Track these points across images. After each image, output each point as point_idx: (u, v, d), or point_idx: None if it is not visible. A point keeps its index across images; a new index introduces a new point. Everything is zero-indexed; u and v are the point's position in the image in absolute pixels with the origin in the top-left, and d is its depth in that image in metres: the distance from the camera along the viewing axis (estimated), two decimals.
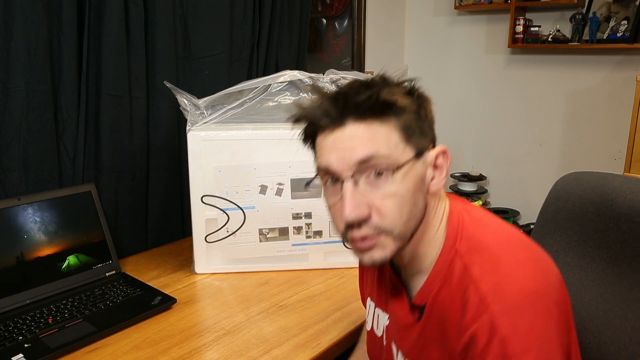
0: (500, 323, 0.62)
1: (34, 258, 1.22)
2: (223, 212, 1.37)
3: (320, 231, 1.41)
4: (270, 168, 1.36)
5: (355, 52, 2.73)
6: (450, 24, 3.07)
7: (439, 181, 0.72)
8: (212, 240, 1.39)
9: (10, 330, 1.08)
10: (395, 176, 0.67)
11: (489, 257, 0.67)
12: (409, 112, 0.69)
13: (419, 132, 0.70)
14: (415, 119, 0.69)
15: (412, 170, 0.68)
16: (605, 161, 2.70)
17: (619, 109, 2.58)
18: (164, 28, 1.52)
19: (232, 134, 1.34)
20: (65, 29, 1.30)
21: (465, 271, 0.67)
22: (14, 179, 1.27)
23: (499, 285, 0.64)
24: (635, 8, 2.44)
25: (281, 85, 1.40)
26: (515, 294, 0.63)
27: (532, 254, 0.69)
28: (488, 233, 0.71)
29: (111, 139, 1.44)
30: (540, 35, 2.68)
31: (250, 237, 1.40)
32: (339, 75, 1.41)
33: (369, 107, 0.67)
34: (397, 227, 0.68)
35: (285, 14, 1.93)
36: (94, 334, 1.08)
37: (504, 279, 0.65)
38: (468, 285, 0.66)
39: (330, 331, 1.13)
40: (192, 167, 1.34)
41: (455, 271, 0.69)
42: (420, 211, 0.71)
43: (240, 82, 1.38)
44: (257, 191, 1.37)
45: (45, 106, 1.29)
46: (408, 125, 0.68)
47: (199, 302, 1.26)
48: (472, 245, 0.70)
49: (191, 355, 1.04)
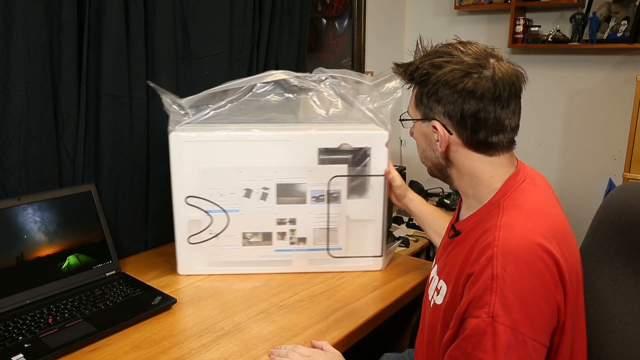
0: (495, 263, 0.76)
1: (34, 258, 1.22)
2: (206, 214, 1.36)
3: (305, 238, 1.39)
4: (256, 172, 1.34)
5: (355, 52, 2.73)
6: (450, 24, 3.07)
7: (439, 145, 0.91)
8: (195, 241, 1.38)
9: (10, 330, 1.08)
10: (412, 123, 0.98)
11: (517, 214, 0.83)
12: (419, 87, 0.91)
13: (426, 102, 0.90)
14: (423, 93, 0.90)
15: (417, 126, 0.96)
16: (605, 161, 2.70)
17: (619, 109, 2.58)
18: (164, 28, 1.52)
19: (214, 135, 1.32)
20: (65, 29, 1.29)
21: (497, 219, 0.82)
22: (14, 179, 1.27)
23: (510, 233, 0.79)
24: (635, 8, 2.44)
25: (266, 85, 1.38)
26: (517, 243, 0.77)
27: (557, 228, 0.83)
28: (532, 200, 0.86)
29: (111, 139, 1.44)
30: (540, 35, 2.68)
31: (234, 240, 1.38)
32: (327, 73, 1.39)
33: (406, 76, 0.94)
34: (419, 156, 1.00)
35: (285, 14, 1.93)
36: (94, 334, 1.08)
37: (517, 230, 0.79)
38: (493, 229, 0.81)
39: (330, 331, 1.13)
40: (174, 167, 1.33)
41: (492, 219, 0.84)
42: (432, 159, 0.95)
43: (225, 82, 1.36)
44: (241, 194, 1.35)
45: (45, 106, 1.29)
46: (418, 96, 0.92)
47: (199, 302, 1.26)
48: (512, 203, 0.85)
49: (191, 355, 1.04)
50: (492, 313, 0.74)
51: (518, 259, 0.76)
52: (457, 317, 0.80)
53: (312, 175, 1.35)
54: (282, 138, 1.33)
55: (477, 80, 0.84)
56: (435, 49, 0.91)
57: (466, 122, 0.87)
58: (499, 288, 0.74)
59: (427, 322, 0.97)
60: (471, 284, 0.79)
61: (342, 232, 1.39)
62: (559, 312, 0.79)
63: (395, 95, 1.38)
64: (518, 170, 0.92)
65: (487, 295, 0.75)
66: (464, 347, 0.77)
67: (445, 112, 0.88)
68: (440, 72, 0.86)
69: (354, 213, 1.39)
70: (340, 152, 1.35)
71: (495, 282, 0.75)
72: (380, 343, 1.49)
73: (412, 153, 3.16)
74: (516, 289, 0.75)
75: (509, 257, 0.76)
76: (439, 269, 0.97)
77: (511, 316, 0.74)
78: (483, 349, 0.74)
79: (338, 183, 1.36)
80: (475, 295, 0.77)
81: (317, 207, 1.37)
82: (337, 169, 1.35)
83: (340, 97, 1.39)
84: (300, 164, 1.34)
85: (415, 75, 0.91)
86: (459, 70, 0.85)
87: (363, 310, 1.23)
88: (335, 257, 1.29)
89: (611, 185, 2.43)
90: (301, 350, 1.01)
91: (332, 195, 1.36)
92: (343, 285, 1.35)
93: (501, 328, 0.73)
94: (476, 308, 0.76)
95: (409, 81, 0.94)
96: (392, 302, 1.27)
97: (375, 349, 1.43)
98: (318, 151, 1.34)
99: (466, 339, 0.77)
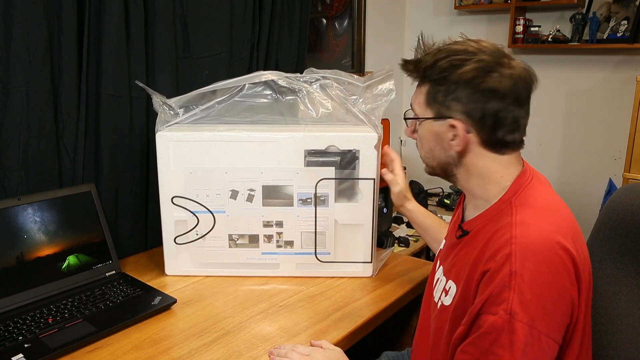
0: (513, 260, 0.76)
1: (34, 258, 1.22)
2: (193, 215, 1.35)
3: (292, 241, 1.38)
4: (241, 173, 1.33)
5: (355, 52, 2.73)
6: (450, 24, 3.07)
7: (455, 144, 0.89)
8: (181, 242, 1.37)
9: (10, 330, 1.08)
10: (417, 123, 0.95)
11: (532, 212, 0.83)
12: (432, 84, 0.89)
13: (441, 101, 0.88)
14: (436, 91, 0.88)
15: (426, 125, 0.92)
16: (605, 161, 2.70)
17: (619, 109, 2.58)
18: (164, 28, 1.52)
19: (200, 135, 1.31)
20: (65, 29, 1.29)
21: (511, 217, 0.83)
22: (14, 179, 1.27)
23: (527, 230, 0.79)
24: (635, 8, 2.44)
25: (256, 86, 1.36)
26: (534, 240, 0.78)
27: (569, 226, 0.84)
28: (543, 198, 0.87)
29: (111, 139, 1.44)
30: (540, 35, 2.68)
31: (220, 241, 1.37)
32: (318, 74, 1.37)
33: (417, 73, 0.92)
34: (421, 155, 0.98)
35: (285, 14, 1.93)
36: (94, 334, 1.08)
37: (534, 228, 0.80)
38: (508, 227, 0.81)
39: (330, 331, 1.13)
40: (161, 167, 1.32)
41: (505, 217, 0.84)
42: (441, 158, 0.93)
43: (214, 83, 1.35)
44: (227, 195, 1.34)
45: (45, 106, 1.29)
46: (431, 94, 0.89)
47: (199, 302, 1.26)
48: (524, 201, 0.85)
49: (191, 355, 1.04)
50: (510, 310, 0.74)
51: (537, 256, 0.76)
52: (471, 314, 0.80)
53: (299, 178, 1.33)
54: (268, 139, 1.31)
55: (499, 79, 0.83)
56: (448, 47, 0.88)
57: (485, 122, 0.86)
58: (517, 285, 0.75)
59: (433, 324, 0.96)
60: (487, 281, 0.79)
61: (330, 236, 1.37)
62: (573, 309, 0.79)
63: (388, 97, 1.34)
64: (525, 169, 0.92)
65: (505, 292, 0.75)
66: (479, 344, 0.77)
67: (464, 111, 0.86)
68: (462, 71, 0.84)
69: (343, 217, 1.36)
70: (327, 154, 1.33)
71: (513, 279, 0.75)
72: (381, 341, 1.49)
73: (413, 153, 3.16)
74: (534, 286, 0.75)
75: (527, 254, 0.76)
76: (446, 269, 0.96)
77: (528, 313, 0.74)
78: (500, 345, 0.75)
79: (325, 186, 1.34)
80: (493, 293, 0.77)
81: (304, 210, 1.35)
82: (324, 172, 1.33)
83: (330, 98, 1.36)
84: (287, 165, 1.32)
85: (430, 73, 0.88)
86: (480, 68, 0.84)
87: (363, 310, 1.23)
88: (323, 261, 1.26)
89: (611, 185, 2.43)
90: (300, 349, 1.01)
91: (320, 199, 1.34)
92: (343, 285, 1.35)
93: (519, 325, 0.74)
94: (493, 305, 0.76)
95: (420, 78, 0.92)
96: (392, 302, 1.27)
97: (376, 347, 1.42)
98: (305, 153, 1.32)
99: (482, 336, 0.77)
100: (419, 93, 0.93)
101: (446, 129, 0.89)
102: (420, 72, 0.91)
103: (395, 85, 1.35)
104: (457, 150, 0.90)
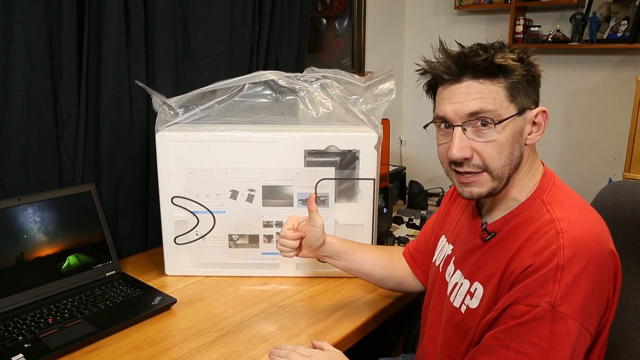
0: (561, 254, 0.76)
1: (34, 258, 1.22)
2: (193, 215, 1.35)
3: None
4: (241, 173, 1.33)
5: (355, 52, 2.72)
6: (450, 24, 3.07)
7: (536, 135, 0.87)
8: (181, 242, 1.37)
9: (10, 330, 1.08)
10: (497, 127, 0.83)
11: (569, 209, 0.83)
12: (516, 75, 0.83)
13: (524, 93, 0.84)
14: (521, 82, 0.83)
15: (511, 124, 0.84)
16: (605, 161, 2.70)
17: (619, 109, 2.58)
18: (164, 28, 1.52)
19: (201, 136, 1.31)
20: (65, 29, 1.29)
21: (549, 214, 0.82)
22: (14, 179, 1.27)
23: (572, 226, 0.79)
24: (635, 8, 2.44)
25: (256, 86, 1.36)
26: (582, 236, 0.78)
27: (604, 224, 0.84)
28: (572, 196, 0.87)
29: (111, 139, 1.44)
30: (540, 35, 2.68)
31: (220, 242, 1.37)
32: (318, 73, 1.36)
33: (483, 68, 0.82)
34: (496, 169, 0.84)
35: (285, 14, 1.93)
36: (94, 334, 1.08)
37: (578, 224, 0.80)
38: (551, 223, 0.80)
39: (330, 331, 1.13)
40: (161, 168, 1.32)
41: (540, 215, 0.83)
42: (517, 159, 0.85)
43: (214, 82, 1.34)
44: (227, 196, 1.34)
45: (45, 106, 1.29)
46: (514, 87, 0.83)
47: (199, 302, 1.26)
48: (555, 198, 0.85)
49: (191, 355, 1.04)
50: (553, 302, 0.75)
51: (586, 251, 0.77)
52: (505, 302, 0.80)
53: (299, 178, 1.33)
54: (268, 139, 1.31)
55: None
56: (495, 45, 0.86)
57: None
58: (563, 278, 0.76)
59: (455, 329, 0.94)
60: (528, 275, 0.79)
61: None
62: (608, 304, 0.81)
63: (389, 97, 1.34)
64: (545, 166, 0.93)
65: (549, 285, 0.76)
66: (514, 332, 0.78)
67: (537, 100, 0.88)
68: (534, 63, 0.86)
69: (343, 217, 1.36)
70: (327, 154, 1.33)
71: (559, 273, 0.76)
72: (375, 348, 1.49)
73: (412, 153, 3.16)
74: (580, 280, 0.76)
75: (576, 249, 0.77)
76: (469, 272, 0.93)
77: (570, 306, 0.75)
78: (539, 335, 0.76)
79: (325, 186, 1.34)
80: (535, 284, 0.77)
81: (305, 211, 1.34)
82: (324, 172, 1.33)
83: (331, 97, 1.36)
84: (286, 166, 1.32)
85: (511, 67, 0.82)
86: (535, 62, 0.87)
87: (363, 310, 1.23)
88: (323, 262, 1.26)
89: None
90: (301, 350, 1.01)
91: (320, 199, 1.34)
92: (343, 285, 1.35)
93: (561, 317, 0.75)
94: (534, 297, 0.77)
95: (486, 75, 0.83)
96: (392, 302, 1.27)
97: (370, 353, 1.42)
98: (305, 153, 1.32)
99: (520, 325, 0.78)
100: (490, 92, 0.83)
101: (530, 119, 0.86)
102: (492, 68, 0.82)
103: (395, 85, 1.35)
104: (531, 143, 0.87)
